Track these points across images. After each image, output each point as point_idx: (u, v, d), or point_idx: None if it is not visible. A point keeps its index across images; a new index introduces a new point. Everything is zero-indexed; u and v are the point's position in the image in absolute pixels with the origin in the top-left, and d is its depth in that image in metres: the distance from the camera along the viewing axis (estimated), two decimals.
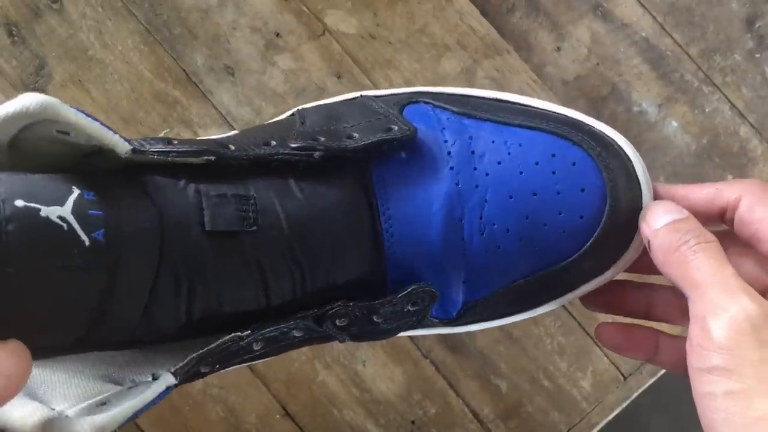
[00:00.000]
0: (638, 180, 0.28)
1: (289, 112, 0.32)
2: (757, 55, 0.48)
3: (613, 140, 0.29)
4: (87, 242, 0.20)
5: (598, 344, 0.47)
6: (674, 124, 0.48)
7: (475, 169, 0.28)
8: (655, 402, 0.49)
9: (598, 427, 0.47)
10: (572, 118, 0.30)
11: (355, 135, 0.27)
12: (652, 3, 0.48)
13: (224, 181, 0.25)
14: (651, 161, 0.48)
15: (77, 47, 0.48)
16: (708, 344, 0.22)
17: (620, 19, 0.48)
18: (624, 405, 0.47)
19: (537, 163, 0.28)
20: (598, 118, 0.31)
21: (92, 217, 0.21)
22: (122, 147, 0.23)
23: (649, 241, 0.26)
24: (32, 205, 0.20)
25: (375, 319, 0.28)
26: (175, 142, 0.25)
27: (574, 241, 0.28)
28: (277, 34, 0.48)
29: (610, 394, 0.47)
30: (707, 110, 0.48)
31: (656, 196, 0.29)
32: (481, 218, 0.28)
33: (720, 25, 0.48)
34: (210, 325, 0.25)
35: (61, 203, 0.20)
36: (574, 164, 0.28)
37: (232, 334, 0.25)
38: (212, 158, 0.25)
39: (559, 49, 0.48)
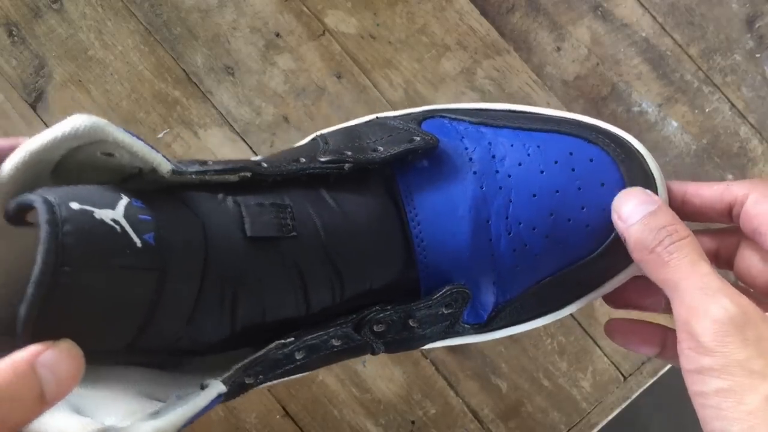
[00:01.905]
0: (653, 174, 0.29)
1: (310, 137, 0.33)
2: (757, 55, 0.48)
3: (626, 139, 0.30)
4: (139, 244, 0.21)
5: (599, 344, 0.47)
6: (674, 124, 0.48)
7: (497, 172, 0.29)
8: (655, 402, 0.49)
9: (598, 427, 0.47)
10: (585, 122, 0.31)
11: (380, 148, 0.29)
12: (652, 3, 0.48)
13: (260, 193, 0.26)
14: None
15: (77, 47, 0.48)
16: (695, 347, 0.23)
17: (620, 20, 0.48)
18: (624, 405, 0.47)
19: (556, 162, 0.29)
20: (598, 118, 0.32)
21: (142, 222, 0.22)
22: (165, 166, 0.23)
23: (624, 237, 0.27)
24: (87, 207, 0.20)
25: (411, 324, 0.28)
26: (210, 162, 0.26)
27: (598, 236, 0.29)
28: (277, 35, 0.48)
29: (610, 394, 0.47)
30: (707, 110, 0.48)
31: (669, 192, 0.30)
32: (507, 218, 0.29)
33: (720, 25, 0.48)
34: (252, 334, 0.26)
35: (113, 207, 0.21)
36: (591, 161, 0.29)
37: (276, 342, 0.25)
38: (248, 174, 0.26)
39: (559, 49, 0.48)
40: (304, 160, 0.28)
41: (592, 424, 0.47)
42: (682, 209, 0.30)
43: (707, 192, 0.29)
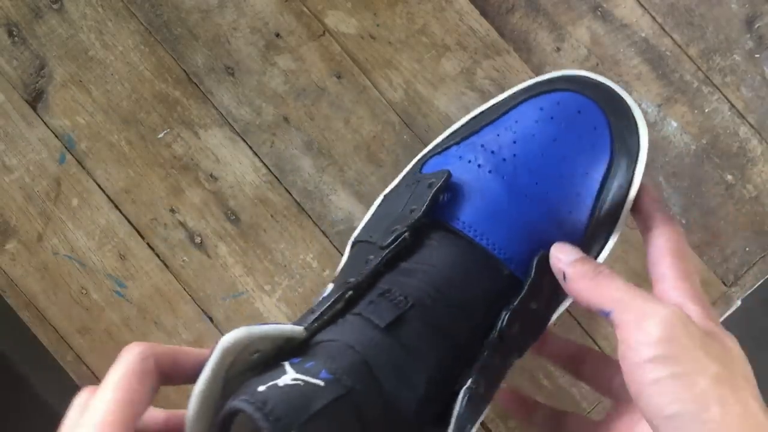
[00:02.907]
0: (621, 96, 0.34)
1: (348, 249, 0.37)
2: (757, 55, 0.48)
3: (584, 76, 0.35)
4: (322, 383, 0.24)
5: (599, 344, 0.47)
6: (674, 124, 0.48)
7: (504, 160, 0.33)
8: None
9: None
10: (541, 80, 0.35)
11: (414, 207, 0.32)
12: (651, 3, 0.48)
13: (363, 298, 0.30)
14: (651, 161, 0.48)
15: (78, 47, 0.48)
16: (647, 339, 0.26)
17: (620, 20, 0.48)
18: None
19: (536, 121, 0.33)
20: None
21: (310, 368, 0.25)
22: (298, 332, 0.27)
23: (564, 274, 0.31)
24: (269, 383, 0.23)
25: (532, 306, 0.32)
26: (315, 306, 0.29)
27: (600, 153, 0.33)
28: (278, 35, 0.48)
29: None
30: (707, 110, 0.48)
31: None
32: (537, 184, 0.33)
33: (719, 25, 0.48)
34: (433, 398, 0.28)
35: (285, 373, 0.24)
36: (558, 103, 0.34)
37: (465, 389, 0.28)
38: (351, 292, 0.29)
39: (558, 49, 0.48)
40: (372, 257, 0.31)
41: None
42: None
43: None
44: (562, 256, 0.31)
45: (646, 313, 0.27)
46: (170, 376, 0.25)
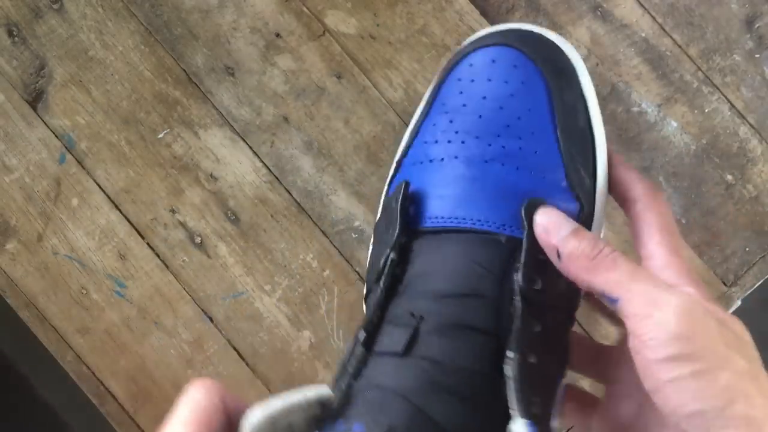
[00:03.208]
0: (553, 42, 0.32)
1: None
2: (757, 56, 0.48)
3: (484, 34, 0.33)
4: None
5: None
6: (674, 124, 0.48)
7: (449, 142, 0.32)
8: None
9: None
10: (453, 56, 0.34)
11: (390, 230, 0.31)
12: (651, 3, 0.48)
13: (378, 335, 0.28)
14: (651, 161, 0.48)
15: (78, 47, 0.48)
16: (664, 336, 0.24)
17: (620, 20, 0.48)
18: None
19: (461, 92, 0.32)
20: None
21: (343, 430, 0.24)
22: (328, 395, 0.25)
23: (557, 252, 0.28)
24: None
25: (541, 257, 0.29)
26: (340, 365, 0.28)
27: (533, 85, 0.32)
28: (278, 35, 0.48)
29: None
30: (707, 110, 0.48)
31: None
32: (490, 146, 0.31)
33: (719, 25, 0.48)
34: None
35: None
36: (471, 65, 0.32)
37: (506, 364, 0.26)
38: (364, 334, 0.28)
39: None
40: (374, 295, 0.30)
41: None
42: None
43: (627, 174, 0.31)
44: (552, 229, 0.28)
45: (659, 304, 0.25)
46: (232, 421, 0.24)
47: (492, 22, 0.48)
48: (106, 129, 0.48)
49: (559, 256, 0.28)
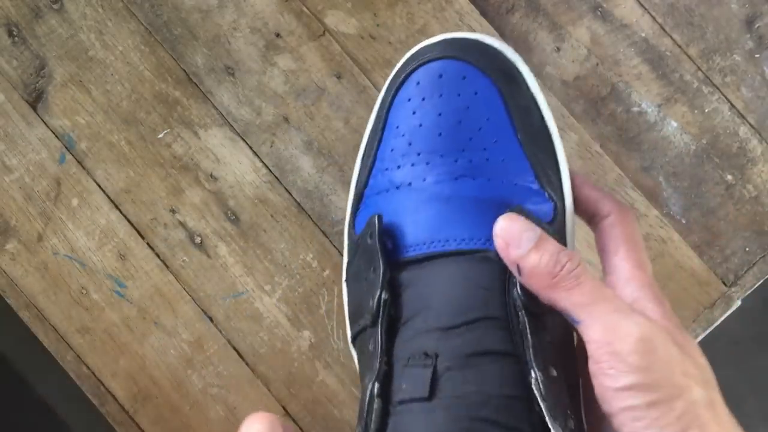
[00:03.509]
0: (493, 47, 0.31)
1: (354, 353, 0.34)
2: (757, 56, 0.48)
3: (420, 49, 0.32)
4: None
5: None
6: (674, 124, 0.48)
7: (413, 165, 0.31)
8: None
9: None
10: (393, 76, 0.33)
11: (372, 268, 0.29)
12: (651, 3, 0.48)
13: (391, 384, 0.27)
14: (651, 161, 0.48)
15: (78, 47, 0.48)
16: (622, 367, 0.24)
17: (620, 20, 0.48)
18: None
19: (414, 112, 0.31)
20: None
21: None
22: None
23: (517, 265, 0.26)
24: None
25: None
26: (358, 423, 0.27)
27: (485, 94, 0.31)
28: (278, 35, 0.48)
29: None
30: (707, 110, 0.48)
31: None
32: (456, 161, 0.30)
33: (719, 25, 0.48)
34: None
35: None
36: (418, 83, 0.31)
37: (531, 384, 0.25)
38: (376, 386, 0.27)
39: (558, 49, 0.48)
40: (371, 341, 0.28)
41: None
42: None
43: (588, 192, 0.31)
44: (512, 242, 0.27)
45: (618, 333, 0.25)
46: None
47: (492, 22, 0.48)
48: (106, 129, 0.48)
49: (519, 272, 0.27)
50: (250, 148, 0.48)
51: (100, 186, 0.48)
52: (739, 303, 0.47)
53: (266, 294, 0.47)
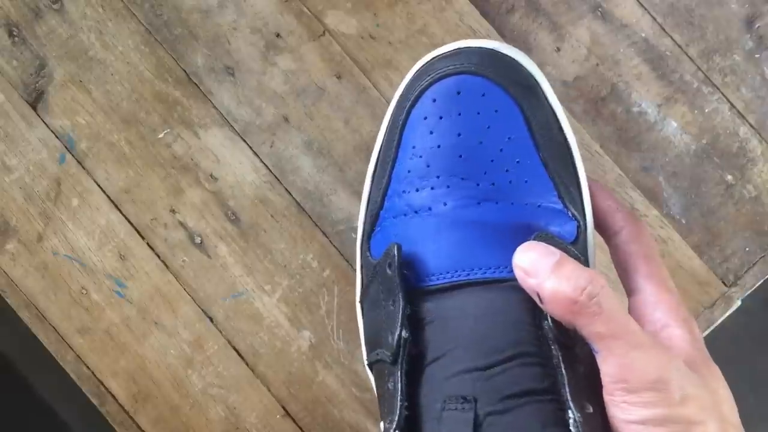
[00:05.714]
0: (510, 57, 0.30)
1: (370, 374, 0.33)
2: (757, 56, 0.48)
3: (431, 59, 0.31)
4: None
5: None
6: (674, 124, 0.48)
7: (432, 188, 0.29)
8: None
9: None
10: (404, 90, 0.31)
11: (392, 300, 0.28)
12: (651, 3, 0.48)
13: (422, 426, 0.26)
14: (651, 161, 0.48)
15: (78, 48, 0.48)
16: (634, 401, 0.24)
17: (620, 20, 0.48)
18: None
19: (431, 132, 0.30)
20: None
21: None
22: None
23: (537, 292, 0.26)
24: None
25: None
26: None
27: (505, 110, 0.29)
28: (278, 35, 0.48)
29: None
30: (707, 110, 0.48)
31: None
32: (479, 185, 0.29)
33: (719, 25, 0.48)
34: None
35: None
36: (434, 100, 0.30)
37: (572, 424, 0.25)
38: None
39: (558, 49, 0.48)
40: (391, 380, 0.27)
41: None
42: None
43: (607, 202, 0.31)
44: (532, 271, 0.25)
45: (635, 372, 0.24)
46: None
47: (492, 23, 0.48)
48: (106, 129, 0.48)
49: (540, 300, 0.26)
50: (250, 148, 0.48)
51: (100, 186, 0.48)
52: (739, 303, 0.47)
53: (266, 294, 0.47)
